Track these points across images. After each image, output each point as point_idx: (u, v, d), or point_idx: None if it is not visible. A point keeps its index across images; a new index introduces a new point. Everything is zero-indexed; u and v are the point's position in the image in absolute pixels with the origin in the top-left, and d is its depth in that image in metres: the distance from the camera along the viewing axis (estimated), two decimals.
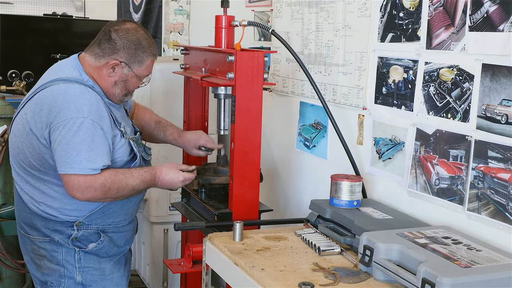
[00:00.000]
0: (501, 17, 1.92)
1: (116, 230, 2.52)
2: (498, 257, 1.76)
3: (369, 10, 2.52)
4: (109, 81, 2.43)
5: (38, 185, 2.42)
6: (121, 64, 2.42)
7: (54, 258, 2.46)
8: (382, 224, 2.10)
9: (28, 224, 2.48)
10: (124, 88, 2.47)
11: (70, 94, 2.32)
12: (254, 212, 2.47)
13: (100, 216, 2.45)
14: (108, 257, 2.53)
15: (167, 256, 3.71)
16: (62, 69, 2.45)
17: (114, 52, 2.41)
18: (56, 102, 2.31)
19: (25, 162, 2.40)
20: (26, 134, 2.37)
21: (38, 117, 2.33)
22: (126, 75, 2.44)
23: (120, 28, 2.44)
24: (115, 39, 2.41)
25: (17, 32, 4.64)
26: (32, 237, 2.48)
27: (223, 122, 2.65)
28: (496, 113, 1.95)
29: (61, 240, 2.44)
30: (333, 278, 1.83)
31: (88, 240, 2.46)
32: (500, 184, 1.94)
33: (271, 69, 3.26)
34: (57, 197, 2.40)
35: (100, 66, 2.43)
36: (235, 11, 2.72)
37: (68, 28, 4.90)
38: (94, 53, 2.44)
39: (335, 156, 2.75)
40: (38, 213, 2.43)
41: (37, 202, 2.43)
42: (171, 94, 3.49)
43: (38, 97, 2.36)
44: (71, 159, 2.27)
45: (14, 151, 2.45)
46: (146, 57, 2.46)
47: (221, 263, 2.09)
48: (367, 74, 2.54)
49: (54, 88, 2.35)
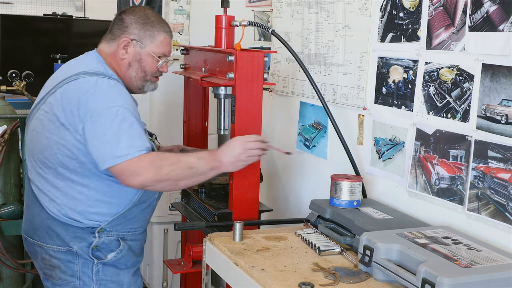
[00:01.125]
0: (501, 17, 1.92)
1: (134, 237, 2.41)
2: (498, 257, 1.76)
3: (369, 10, 2.52)
4: (124, 63, 2.35)
5: (61, 186, 2.27)
6: (132, 42, 2.34)
7: (69, 269, 2.32)
8: (382, 224, 2.10)
9: (44, 231, 2.31)
10: (140, 69, 2.37)
11: (101, 86, 2.22)
12: (254, 212, 2.47)
13: (122, 222, 2.33)
14: (126, 269, 2.40)
15: (167, 256, 3.71)
16: (86, 62, 2.35)
17: (124, 31, 2.35)
18: (87, 94, 2.19)
19: (50, 159, 2.26)
20: (55, 129, 2.23)
21: (69, 111, 2.20)
22: (139, 53, 2.36)
23: (128, 9, 2.40)
24: (123, 18, 2.37)
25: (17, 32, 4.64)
26: (45, 246, 2.33)
27: (223, 122, 2.65)
28: (496, 113, 1.95)
29: (79, 250, 2.29)
30: (333, 278, 1.83)
31: (108, 249, 2.33)
32: (500, 184, 1.94)
33: (271, 69, 3.26)
34: (81, 199, 2.27)
35: (114, 51, 2.36)
36: (235, 11, 2.72)
37: (68, 28, 4.89)
38: (107, 39, 2.39)
39: (335, 156, 2.75)
40: (58, 218, 2.28)
41: (58, 205, 2.28)
42: (171, 94, 3.49)
43: (65, 91, 2.24)
44: (116, 149, 2.15)
45: (36, 149, 2.30)
46: (158, 32, 2.37)
47: (221, 263, 2.09)
48: (367, 74, 2.54)
49: (82, 81, 2.24)
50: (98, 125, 2.16)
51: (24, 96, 4.18)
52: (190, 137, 3.00)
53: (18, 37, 4.67)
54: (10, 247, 3.42)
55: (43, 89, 2.39)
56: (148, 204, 2.41)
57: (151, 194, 2.39)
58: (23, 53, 4.66)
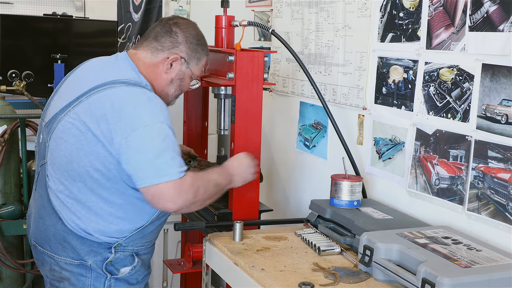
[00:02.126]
0: (501, 17, 1.92)
1: (147, 251, 2.34)
2: (498, 257, 1.76)
3: (369, 10, 2.52)
4: (165, 78, 2.26)
5: (85, 200, 2.16)
6: (181, 59, 2.25)
7: (80, 282, 2.22)
8: (382, 224, 2.10)
9: (58, 242, 2.22)
10: (179, 88, 2.31)
11: (140, 99, 2.10)
12: (254, 212, 2.47)
13: (139, 237, 2.25)
14: (137, 283, 2.31)
15: (167, 256, 3.71)
16: (119, 69, 2.21)
17: (175, 46, 2.24)
18: (125, 108, 2.07)
19: (78, 171, 2.13)
20: (87, 140, 2.10)
21: (104, 123, 2.07)
22: (183, 73, 2.29)
23: (181, 22, 2.29)
24: (177, 32, 2.25)
25: (17, 32, 4.64)
26: (57, 257, 2.23)
27: (223, 122, 2.65)
28: (496, 113, 1.95)
29: (93, 264, 2.20)
30: (333, 278, 1.83)
31: (122, 264, 2.24)
32: (500, 184, 1.94)
33: (271, 69, 3.26)
34: (103, 216, 2.17)
35: (157, 62, 2.24)
36: (235, 11, 2.72)
37: (68, 28, 4.89)
38: (150, 47, 2.25)
39: (335, 156, 2.75)
40: (75, 231, 2.18)
41: (80, 219, 2.17)
42: None
43: (98, 100, 2.10)
44: (157, 168, 2.04)
45: (64, 159, 2.16)
46: (203, 56, 2.32)
47: (221, 263, 2.09)
48: (367, 74, 2.54)
49: (117, 91, 2.11)
50: (141, 141, 2.06)
51: (24, 96, 4.17)
52: (190, 137, 3.00)
53: (18, 37, 4.67)
54: (10, 247, 3.42)
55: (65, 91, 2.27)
56: (164, 219, 2.34)
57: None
58: (23, 53, 4.66)
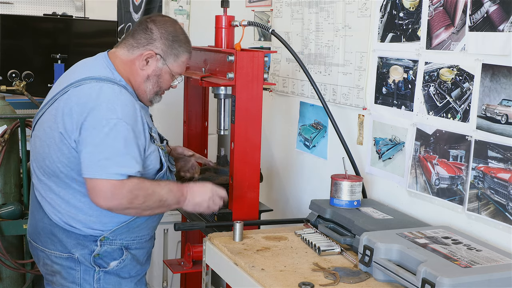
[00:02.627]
0: (501, 17, 1.92)
1: (139, 246, 2.33)
2: (498, 257, 1.76)
3: (369, 10, 2.52)
4: (142, 75, 2.28)
5: (63, 194, 2.21)
6: (156, 56, 2.27)
7: (70, 275, 2.26)
8: (382, 224, 2.10)
9: (47, 236, 2.26)
10: (156, 84, 2.31)
11: (104, 94, 2.14)
12: (254, 212, 2.47)
13: (125, 230, 2.26)
14: (129, 278, 2.32)
15: (167, 256, 3.71)
16: (93, 67, 2.26)
17: (150, 43, 2.27)
18: (88, 101, 2.12)
19: (51, 168, 2.19)
20: (54, 138, 2.17)
21: (69, 117, 2.13)
22: (160, 70, 2.29)
23: (158, 19, 2.32)
24: (152, 29, 2.27)
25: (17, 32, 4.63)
26: (47, 251, 2.28)
27: (223, 122, 2.65)
28: (496, 113, 1.95)
29: (81, 257, 2.23)
30: (333, 278, 1.83)
31: (111, 257, 2.26)
32: (500, 184, 1.94)
33: (271, 69, 3.26)
34: (83, 208, 2.20)
35: (133, 59, 2.27)
36: (235, 11, 2.72)
37: (68, 28, 4.88)
38: (127, 44, 2.29)
39: (335, 156, 2.75)
40: (60, 225, 2.22)
41: (60, 212, 2.22)
42: (171, 94, 3.49)
43: (68, 97, 2.16)
44: (100, 163, 2.08)
45: (39, 156, 2.23)
46: (182, 52, 2.31)
47: (221, 263, 2.09)
48: (367, 74, 2.54)
49: (85, 87, 2.16)
50: (93, 134, 2.09)
51: (24, 96, 4.17)
52: (190, 137, 3.00)
53: (18, 37, 4.67)
54: (10, 247, 3.42)
55: (52, 89, 2.33)
56: (154, 218, 2.35)
57: None
58: (23, 53, 4.65)
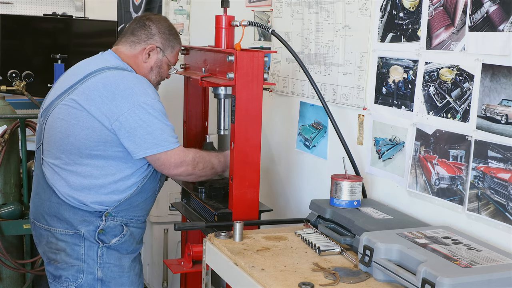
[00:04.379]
0: (501, 17, 1.92)
1: (136, 225, 2.58)
2: (498, 257, 1.76)
3: (369, 10, 2.52)
4: (145, 67, 2.57)
5: (80, 170, 2.43)
6: (156, 49, 2.57)
7: (74, 252, 2.47)
8: (382, 224, 2.10)
9: (53, 214, 2.48)
10: (158, 74, 2.62)
11: (130, 79, 2.42)
12: (254, 212, 2.47)
13: (126, 207, 2.50)
14: (127, 254, 2.57)
15: (167, 256, 3.72)
16: (105, 60, 2.52)
17: (150, 38, 2.57)
18: (118, 88, 2.37)
19: (75, 144, 2.41)
20: (82, 117, 2.38)
21: (100, 102, 2.36)
22: (160, 61, 2.60)
23: (152, 17, 2.62)
24: (150, 26, 2.58)
25: (17, 32, 4.64)
26: (52, 229, 2.48)
27: (223, 122, 2.65)
28: (496, 113, 1.95)
29: (86, 233, 2.46)
30: (333, 278, 1.83)
31: (112, 234, 2.49)
32: (500, 184, 1.94)
33: (271, 69, 3.26)
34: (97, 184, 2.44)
35: (136, 54, 2.56)
36: (235, 11, 2.72)
37: (68, 28, 4.89)
38: (128, 41, 2.57)
39: (335, 156, 2.75)
40: (69, 202, 2.44)
41: (72, 188, 2.44)
42: (171, 94, 3.49)
43: (92, 85, 2.40)
44: (159, 138, 2.38)
45: (60, 135, 2.44)
46: (176, 44, 2.65)
47: (221, 263, 2.09)
48: (367, 74, 2.54)
49: (108, 74, 2.42)
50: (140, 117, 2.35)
51: (24, 96, 4.18)
52: (190, 137, 3.00)
53: (18, 37, 4.67)
54: (10, 247, 3.42)
55: (59, 85, 2.53)
56: (151, 194, 2.58)
57: (154, 184, 2.57)
58: (23, 53, 4.66)
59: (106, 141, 2.39)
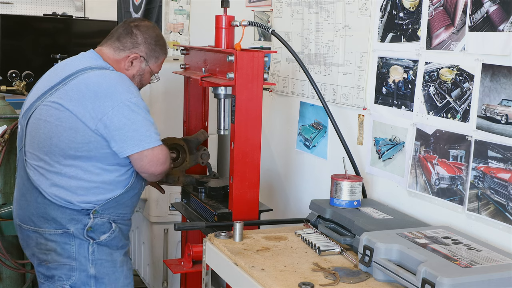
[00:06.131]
0: (501, 17, 1.92)
1: (123, 222, 2.58)
2: (498, 257, 1.76)
3: (369, 10, 2.52)
4: (127, 74, 2.54)
5: (65, 171, 2.42)
6: (140, 58, 2.56)
7: (65, 251, 2.47)
8: (382, 224, 2.10)
9: (40, 215, 2.46)
10: (140, 82, 2.61)
11: (112, 78, 2.42)
12: (254, 212, 2.47)
13: (114, 205, 2.49)
14: (118, 249, 2.57)
15: (167, 256, 3.71)
16: (85, 60, 2.51)
17: (135, 46, 2.55)
18: (100, 87, 2.37)
19: (59, 145, 2.39)
20: (65, 118, 2.37)
21: (83, 103, 2.35)
22: (143, 70, 2.59)
23: (141, 24, 2.59)
24: (136, 34, 2.55)
25: (17, 32, 4.64)
26: (41, 230, 2.47)
27: (223, 122, 2.65)
28: (496, 113, 1.95)
29: (76, 231, 2.45)
30: (333, 278, 1.83)
31: (101, 231, 2.49)
32: (500, 184, 1.94)
33: (271, 69, 3.26)
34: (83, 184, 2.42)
35: (119, 60, 2.54)
36: (235, 11, 2.72)
37: (68, 28, 4.90)
38: (113, 46, 2.55)
39: (335, 156, 2.75)
40: (56, 201, 2.43)
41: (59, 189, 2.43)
42: (171, 94, 3.49)
43: (74, 85, 2.38)
44: (145, 135, 2.38)
45: (43, 136, 2.42)
46: (162, 54, 2.63)
47: (221, 263, 2.09)
48: (367, 74, 2.54)
49: (90, 75, 2.41)
50: (125, 115, 2.35)
51: (24, 96, 4.18)
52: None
53: (18, 37, 4.67)
54: (10, 247, 3.42)
55: (39, 86, 2.53)
56: (137, 191, 2.59)
57: (140, 181, 2.57)
58: (23, 53, 4.66)
59: (90, 141, 2.37)
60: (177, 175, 2.79)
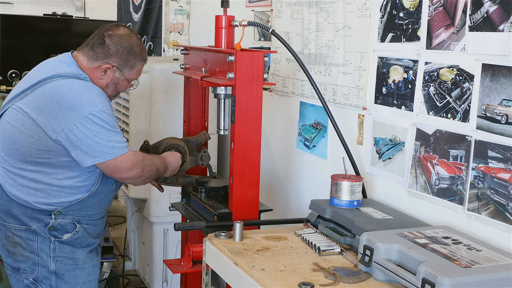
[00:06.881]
0: (501, 17, 1.92)
1: (90, 223, 2.59)
2: (498, 257, 1.76)
3: (369, 10, 2.52)
4: (101, 82, 2.53)
5: (25, 174, 2.45)
6: (113, 68, 2.53)
7: (29, 246, 2.51)
8: (382, 224, 2.10)
9: (5, 212, 2.52)
10: (115, 90, 2.60)
11: (78, 89, 2.40)
12: (254, 212, 2.47)
13: (77, 208, 2.51)
14: (81, 248, 2.58)
15: (167, 256, 3.71)
16: (58, 65, 2.51)
17: (107, 57, 2.52)
18: (64, 98, 2.36)
19: (21, 150, 2.43)
20: (28, 125, 2.39)
21: (46, 113, 2.36)
22: (117, 79, 2.56)
23: (114, 34, 2.54)
24: (109, 45, 2.52)
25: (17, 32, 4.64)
26: (7, 225, 2.52)
27: (223, 122, 2.65)
28: (496, 113, 1.95)
29: (38, 229, 2.48)
30: (333, 278, 1.83)
31: (64, 230, 2.51)
32: (500, 184, 1.94)
33: (271, 69, 3.26)
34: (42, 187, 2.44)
35: (93, 68, 2.52)
36: (235, 11, 2.72)
37: (68, 28, 4.90)
38: (87, 55, 2.54)
39: (335, 156, 2.75)
40: (17, 201, 2.47)
41: (19, 190, 2.47)
42: (171, 94, 3.49)
43: (40, 94, 2.40)
44: (107, 146, 2.38)
45: (8, 139, 2.46)
46: (137, 63, 2.59)
47: (221, 263, 2.09)
48: (367, 74, 2.54)
49: (56, 84, 2.40)
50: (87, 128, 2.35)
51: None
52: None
53: (18, 37, 4.68)
54: None
55: (18, 87, 2.55)
56: (105, 195, 2.59)
57: (108, 186, 2.58)
58: (23, 53, 4.66)
59: (50, 150, 2.39)
60: (177, 176, 2.79)
